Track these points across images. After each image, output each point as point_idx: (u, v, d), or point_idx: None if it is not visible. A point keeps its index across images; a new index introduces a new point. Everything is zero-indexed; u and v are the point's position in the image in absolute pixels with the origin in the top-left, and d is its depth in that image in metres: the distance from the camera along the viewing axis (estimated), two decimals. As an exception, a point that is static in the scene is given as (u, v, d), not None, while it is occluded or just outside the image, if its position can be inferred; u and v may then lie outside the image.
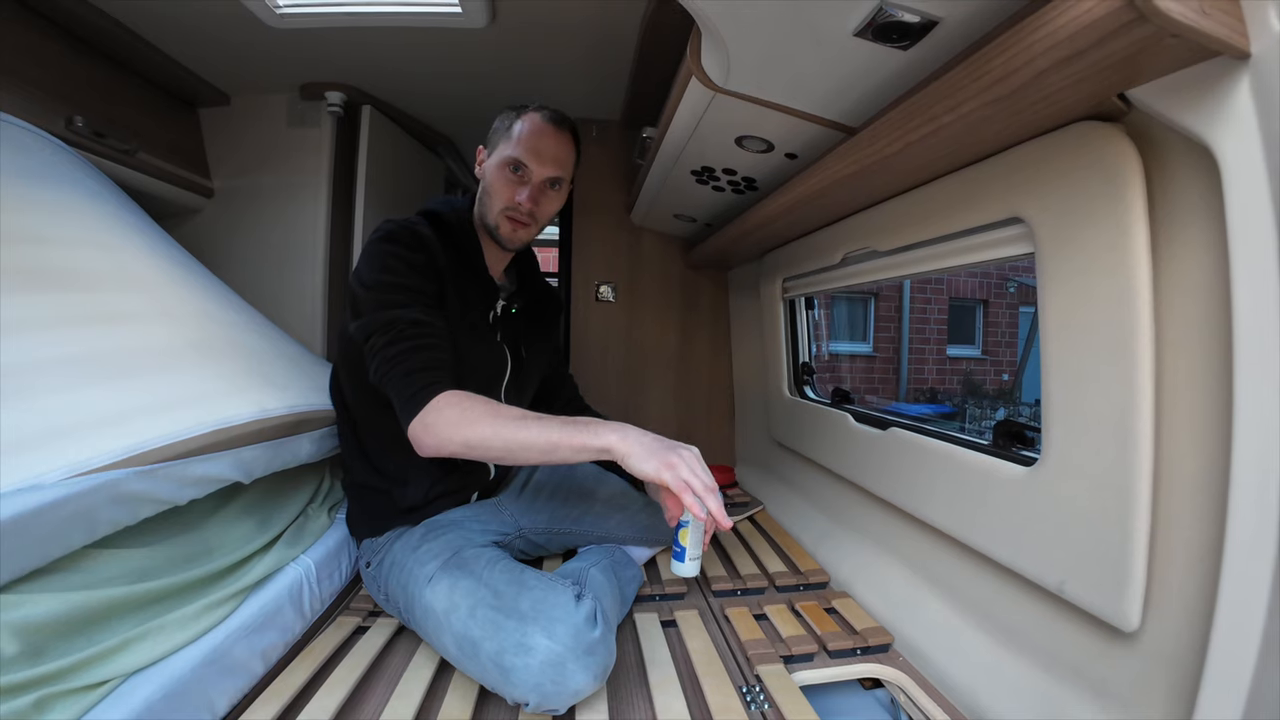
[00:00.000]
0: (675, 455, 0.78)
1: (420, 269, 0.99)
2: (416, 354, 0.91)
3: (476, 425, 0.84)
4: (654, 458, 0.77)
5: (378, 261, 0.97)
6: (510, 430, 0.83)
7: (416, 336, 0.92)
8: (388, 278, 0.96)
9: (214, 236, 1.90)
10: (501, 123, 1.10)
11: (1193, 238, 0.61)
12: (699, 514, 0.76)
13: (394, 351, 0.91)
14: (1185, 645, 0.62)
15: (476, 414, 0.85)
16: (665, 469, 0.76)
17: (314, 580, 1.04)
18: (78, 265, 0.99)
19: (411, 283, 0.97)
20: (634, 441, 0.80)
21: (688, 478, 0.76)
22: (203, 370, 0.99)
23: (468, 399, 0.88)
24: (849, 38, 0.75)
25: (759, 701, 0.87)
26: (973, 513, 0.92)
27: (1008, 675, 0.84)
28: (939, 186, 0.95)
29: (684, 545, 0.94)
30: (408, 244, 0.99)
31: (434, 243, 1.03)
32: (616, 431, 0.81)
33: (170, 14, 1.44)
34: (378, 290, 0.95)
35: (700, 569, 0.97)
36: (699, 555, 0.98)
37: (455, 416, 0.86)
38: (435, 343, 0.94)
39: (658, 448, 0.79)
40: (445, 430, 0.86)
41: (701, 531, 0.94)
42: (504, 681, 0.78)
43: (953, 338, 7.66)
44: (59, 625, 0.67)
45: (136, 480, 0.74)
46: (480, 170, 1.13)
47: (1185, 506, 0.63)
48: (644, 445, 0.79)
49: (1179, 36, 0.48)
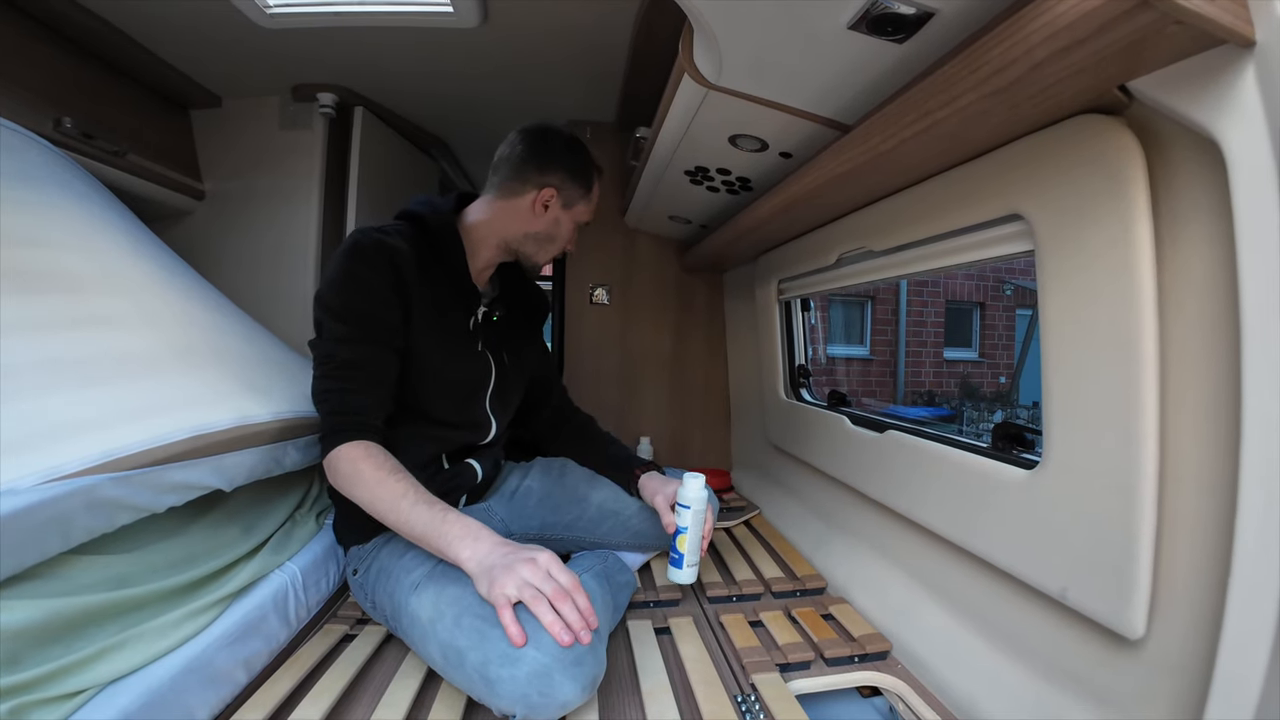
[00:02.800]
0: (512, 574, 0.78)
1: (380, 295, 0.99)
2: (341, 396, 0.96)
3: (358, 489, 0.91)
4: (485, 578, 0.80)
5: (338, 282, 0.99)
6: (384, 506, 0.89)
7: (346, 379, 0.96)
8: (343, 304, 0.98)
9: (205, 239, 1.88)
10: (579, 175, 1.14)
11: (1197, 233, 0.59)
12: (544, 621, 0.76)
13: (323, 386, 0.97)
14: (1191, 653, 0.60)
15: (363, 478, 0.91)
16: (495, 590, 0.77)
17: (300, 587, 1.01)
18: (60, 268, 0.97)
19: (366, 310, 0.98)
20: (476, 562, 0.82)
21: (495, 594, 0.77)
22: (184, 376, 0.97)
23: (364, 458, 0.92)
24: (843, 31, 0.73)
25: (754, 711, 0.85)
26: (972, 517, 0.91)
27: (1008, 683, 0.82)
28: (936, 184, 0.94)
29: (682, 552, 0.93)
30: (373, 263, 0.99)
31: (405, 255, 1.02)
32: (469, 547, 0.83)
33: (160, 15, 1.42)
34: (333, 318, 0.98)
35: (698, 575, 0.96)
36: (696, 562, 0.97)
37: (347, 472, 0.92)
38: (364, 386, 0.98)
39: (497, 567, 0.80)
40: (339, 482, 0.94)
41: (699, 537, 0.93)
42: (489, 693, 0.76)
43: (950, 341, 7.68)
44: (35, 632, 0.65)
45: (112, 486, 0.72)
46: (546, 213, 1.14)
47: (1191, 510, 0.61)
48: (482, 566, 0.81)
49: (1182, 23, 0.47)
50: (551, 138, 1.14)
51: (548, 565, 0.81)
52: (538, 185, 1.11)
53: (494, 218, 1.14)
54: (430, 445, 1.11)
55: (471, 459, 1.18)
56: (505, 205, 1.13)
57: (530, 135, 1.13)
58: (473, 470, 1.18)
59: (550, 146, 1.13)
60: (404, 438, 1.03)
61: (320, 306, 0.99)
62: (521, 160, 1.12)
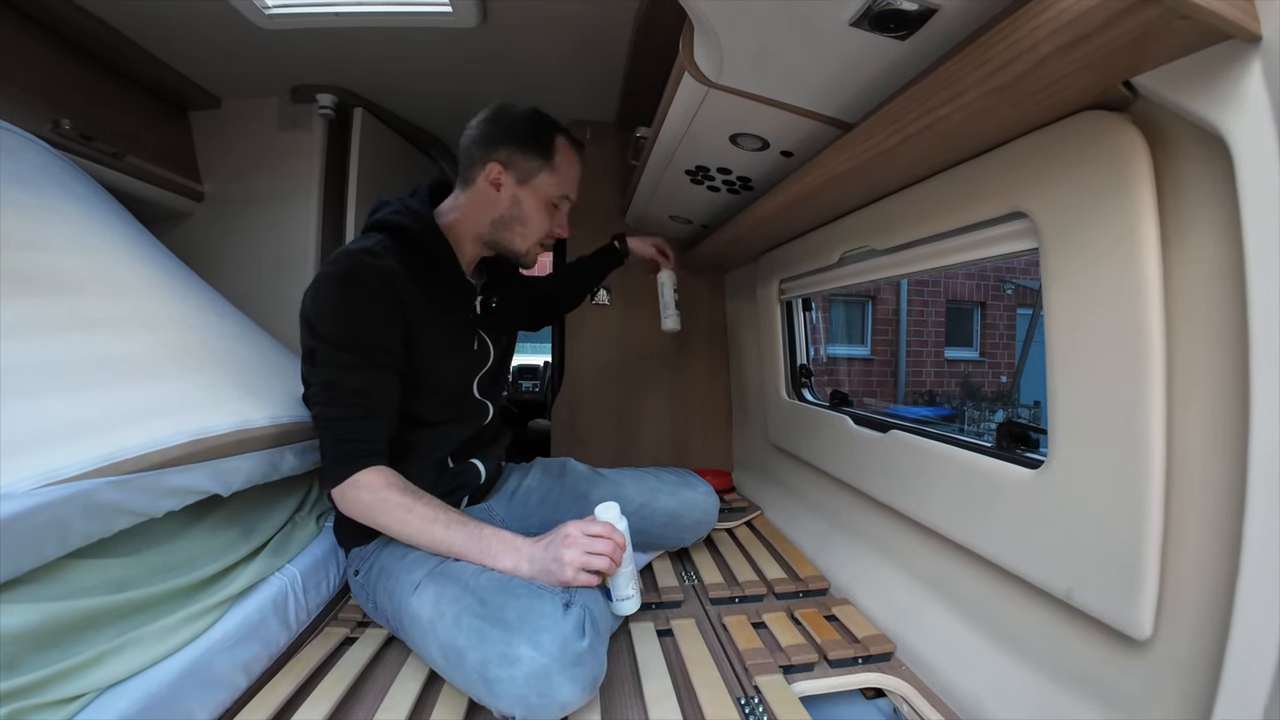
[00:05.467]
0: (559, 563, 0.86)
1: (380, 320, 0.96)
2: (351, 423, 0.94)
3: (385, 517, 0.92)
4: (544, 576, 0.86)
5: (334, 311, 0.95)
6: (414, 531, 0.91)
7: (353, 405, 0.95)
8: (343, 333, 0.94)
9: (204, 240, 1.88)
10: (525, 144, 1.06)
11: (1204, 229, 0.59)
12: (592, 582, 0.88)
13: (329, 414, 0.95)
14: (1199, 653, 0.60)
15: (390, 505, 0.91)
16: (560, 580, 0.85)
17: (300, 590, 1.01)
18: (59, 270, 0.97)
19: (368, 339, 0.95)
20: (528, 565, 0.88)
21: (571, 576, 0.85)
22: (183, 379, 0.96)
23: (385, 486, 0.92)
24: (845, 28, 0.73)
25: (758, 713, 0.85)
26: (976, 517, 0.90)
27: (1013, 684, 0.82)
28: (938, 182, 0.93)
29: (608, 587, 0.94)
30: (371, 290, 0.96)
31: (398, 274, 0.99)
32: (511, 558, 0.89)
33: (158, 16, 1.42)
34: (330, 346, 0.94)
35: (640, 603, 0.98)
36: (632, 594, 0.97)
37: (369, 501, 0.92)
38: (374, 413, 0.96)
39: (547, 560, 0.87)
40: (357, 510, 0.93)
41: (625, 575, 0.94)
42: (489, 693, 0.76)
43: (950, 340, 7.66)
44: (33, 637, 0.65)
45: (110, 490, 0.71)
46: (500, 192, 1.07)
47: (1199, 508, 0.61)
48: (535, 567, 0.87)
49: (1188, 18, 0.46)
50: (500, 114, 1.08)
51: (578, 536, 0.88)
52: (484, 164, 1.06)
53: (462, 213, 1.10)
54: (437, 447, 1.10)
55: (475, 459, 1.18)
56: (466, 197, 1.10)
57: (480, 118, 1.09)
58: (476, 470, 1.18)
59: (496, 122, 1.07)
60: (407, 444, 1.02)
61: (312, 335, 0.95)
62: (471, 143, 1.08)
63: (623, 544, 0.92)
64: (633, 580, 0.98)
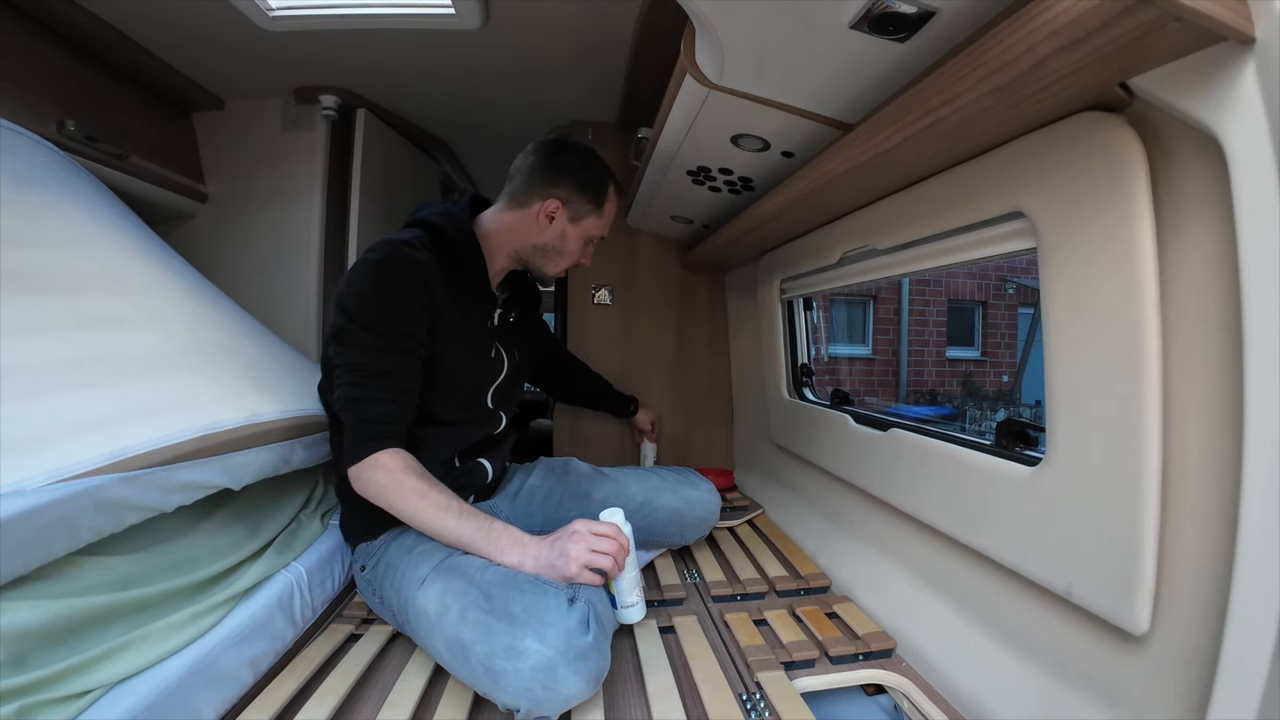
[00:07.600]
0: (564, 558, 0.87)
1: (411, 309, 0.99)
2: (375, 404, 0.96)
3: (399, 500, 0.92)
4: (550, 573, 0.87)
5: (368, 293, 0.97)
6: (427, 517, 0.92)
7: (378, 387, 0.97)
8: (373, 316, 0.97)
9: (208, 241, 1.89)
10: (587, 189, 1.15)
11: (1199, 229, 0.59)
12: (596, 581, 0.88)
13: (352, 395, 0.96)
14: (1197, 648, 0.60)
15: (404, 489, 0.92)
16: (566, 576, 0.87)
17: (306, 587, 1.02)
18: (67, 269, 0.98)
19: (397, 325, 0.98)
20: (534, 562, 0.89)
21: (575, 571, 0.86)
22: (192, 375, 0.98)
23: (403, 470, 0.93)
24: (844, 30, 0.73)
25: (759, 709, 0.85)
26: (976, 514, 0.91)
27: (1013, 680, 0.82)
28: (938, 182, 0.94)
29: (613, 594, 0.95)
30: (404, 278, 0.99)
31: (431, 267, 1.03)
32: (517, 554, 0.90)
33: (162, 17, 1.43)
34: (360, 327, 0.97)
35: (645, 611, 1.01)
36: (636, 601, 0.98)
37: (385, 483, 0.93)
38: (398, 397, 0.98)
39: (553, 555, 0.88)
40: (372, 490, 0.94)
41: (629, 580, 0.95)
42: (494, 686, 0.76)
43: (952, 340, 7.66)
44: (42, 633, 0.66)
45: (120, 487, 0.72)
46: (552, 225, 1.14)
47: (1195, 505, 0.61)
48: (540, 563, 0.88)
49: (1183, 20, 0.47)
50: (566, 151, 1.15)
51: (584, 533, 0.90)
52: (543, 196, 1.13)
53: (504, 228, 1.15)
54: (446, 445, 1.12)
55: (483, 458, 1.19)
56: (514, 216, 1.15)
57: (543, 147, 1.15)
58: (483, 469, 1.19)
59: (561, 160, 1.14)
60: (417, 440, 1.03)
61: (345, 315, 0.98)
62: (532, 171, 1.13)
63: (627, 546, 0.93)
64: (637, 587, 0.99)
